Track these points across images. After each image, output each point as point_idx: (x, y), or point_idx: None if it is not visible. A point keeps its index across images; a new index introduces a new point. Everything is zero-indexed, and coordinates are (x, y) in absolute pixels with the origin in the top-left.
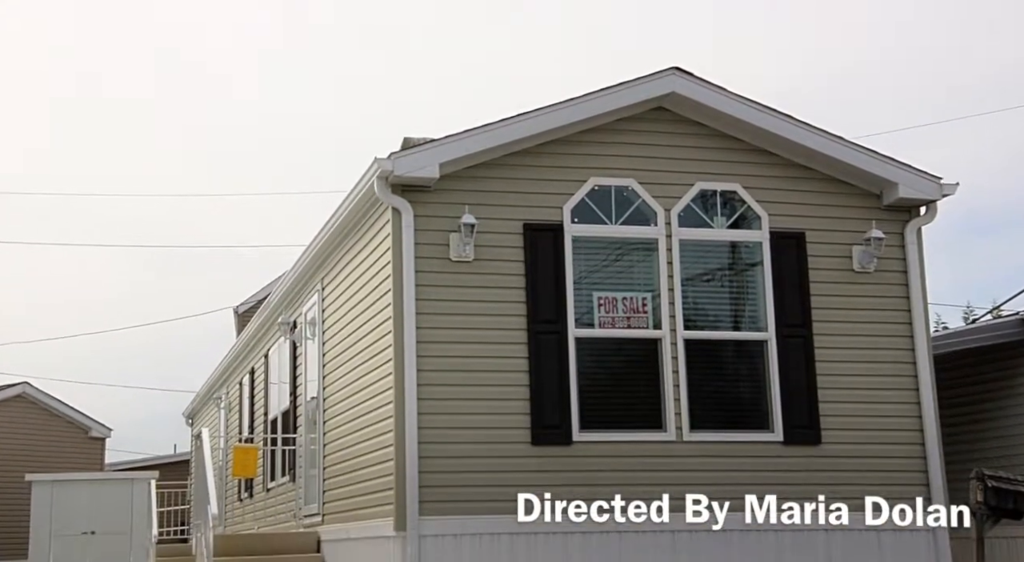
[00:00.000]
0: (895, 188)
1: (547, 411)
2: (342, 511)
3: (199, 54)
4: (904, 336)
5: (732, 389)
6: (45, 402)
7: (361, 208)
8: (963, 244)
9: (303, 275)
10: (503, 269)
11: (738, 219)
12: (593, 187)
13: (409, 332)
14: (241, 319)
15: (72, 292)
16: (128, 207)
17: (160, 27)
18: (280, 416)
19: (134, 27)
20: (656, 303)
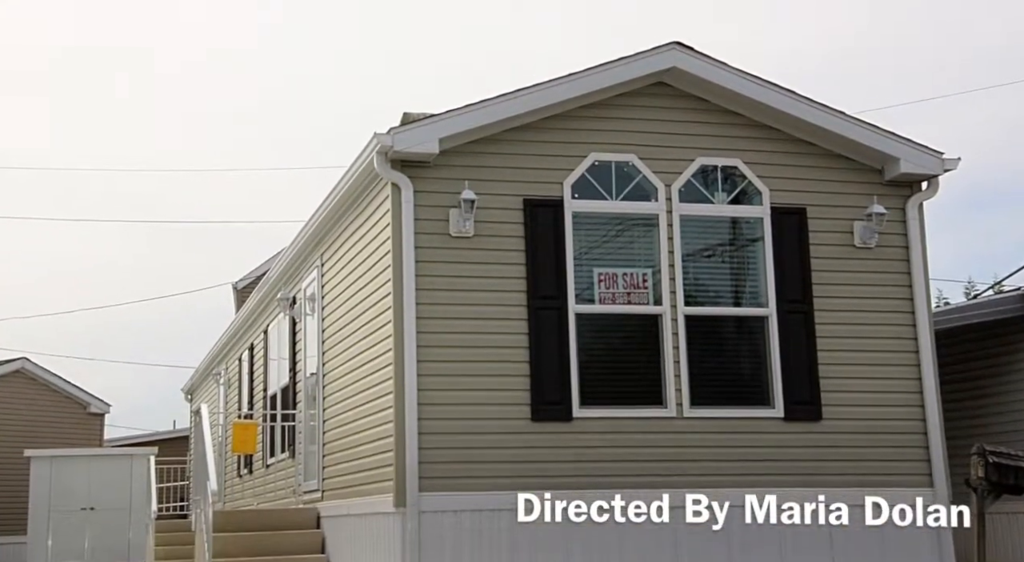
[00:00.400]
0: (896, 163)
1: (547, 387)
2: (342, 487)
3: (199, 28)
4: (905, 312)
5: (733, 365)
6: (44, 378)
7: (361, 183)
8: (964, 219)
9: (302, 251)
10: (503, 245)
11: (739, 194)
12: (593, 162)
13: (409, 308)
14: (240, 295)
15: (71, 267)
16: (127, 182)
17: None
18: (279, 392)
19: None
20: (656, 279)
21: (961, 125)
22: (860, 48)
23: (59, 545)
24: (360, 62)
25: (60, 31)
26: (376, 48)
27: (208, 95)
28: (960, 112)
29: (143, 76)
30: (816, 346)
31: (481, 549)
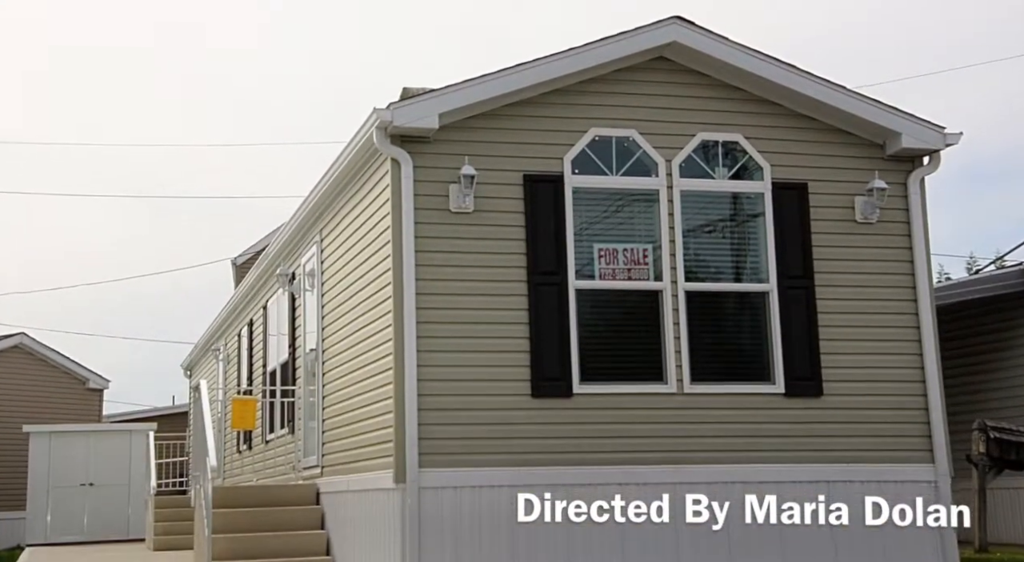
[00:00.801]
0: (898, 138)
1: (547, 363)
2: (341, 463)
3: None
4: (907, 287)
5: (733, 341)
6: (42, 353)
7: (360, 159)
8: (966, 194)
9: (302, 226)
10: (503, 220)
11: (740, 170)
12: (594, 138)
13: (408, 284)
14: (239, 270)
15: (70, 242)
16: (126, 156)
17: None
18: (279, 368)
19: None
20: (657, 254)
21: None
22: (861, 22)
23: (58, 520)
24: (360, 38)
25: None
26: (376, 24)
27: (208, 69)
28: (962, 86)
29: (142, 51)
30: (817, 322)
31: (481, 525)
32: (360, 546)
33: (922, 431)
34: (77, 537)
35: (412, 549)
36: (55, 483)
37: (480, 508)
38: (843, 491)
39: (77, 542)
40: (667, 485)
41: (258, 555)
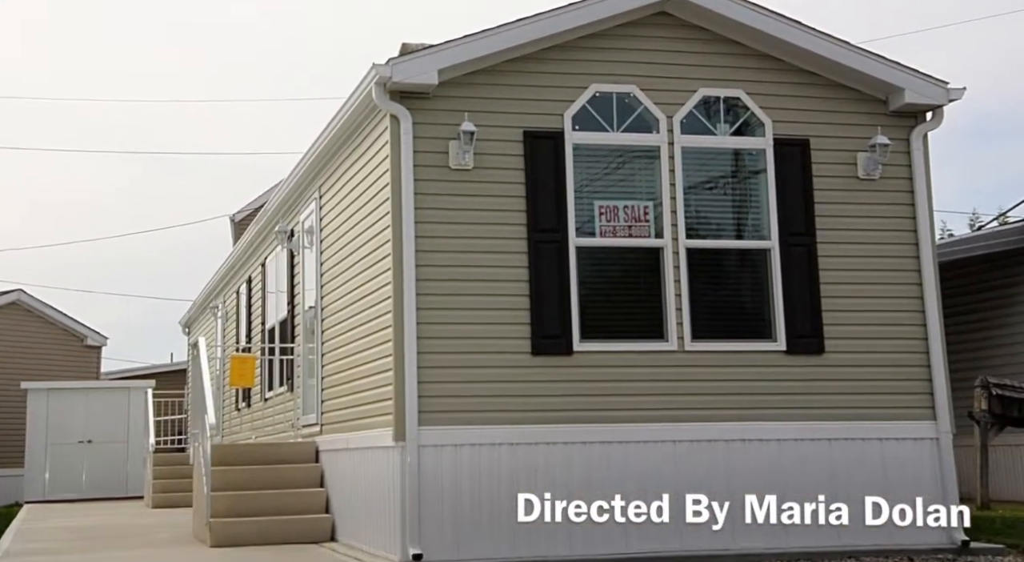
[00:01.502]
0: (901, 93)
1: (547, 321)
2: (341, 421)
3: None
4: (909, 244)
5: (734, 298)
6: (40, 310)
7: (359, 115)
8: (969, 150)
9: (300, 183)
10: (503, 177)
11: (741, 126)
12: (594, 94)
13: (408, 241)
14: (237, 227)
15: (67, 198)
16: (124, 112)
17: None
18: (278, 325)
19: None
20: (658, 212)
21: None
22: None
23: (56, 477)
24: None
25: None
26: None
27: (206, 25)
28: (965, 41)
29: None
30: (819, 279)
31: (480, 483)
32: (360, 504)
33: (924, 388)
34: (75, 494)
35: (412, 506)
36: (53, 440)
37: (480, 466)
38: (844, 448)
39: (75, 499)
40: (667, 443)
41: (257, 513)
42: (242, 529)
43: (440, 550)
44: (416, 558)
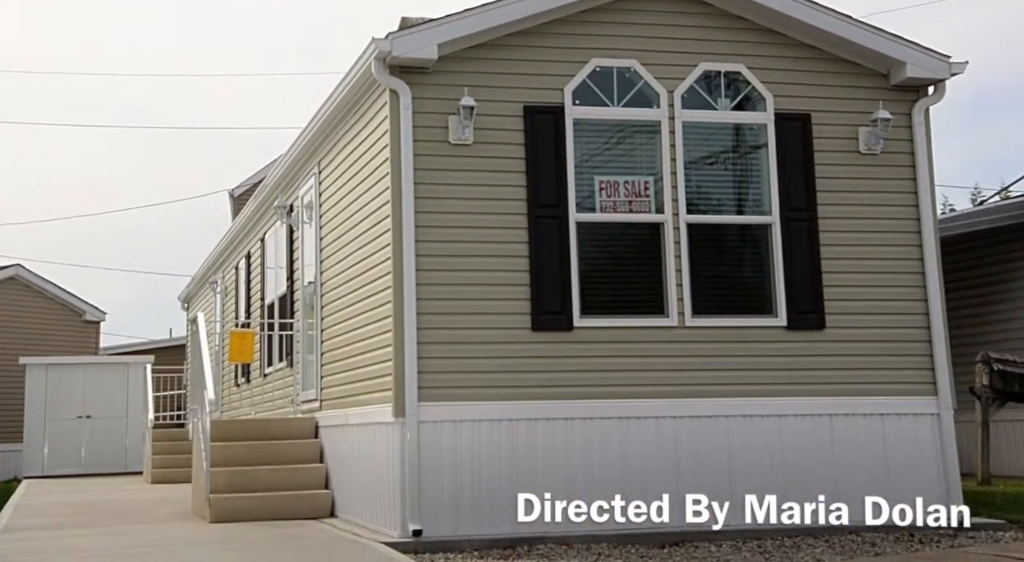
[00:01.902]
0: (903, 67)
1: (548, 297)
2: (340, 397)
3: None
4: (910, 219)
5: (735, 274)
6: (39, 285)
7: (358, 90)
8: (971, 124)
9: (300, 158)
10: (503, 152)
11: (742, 100)
12: (595, 68)
13: (408, 217)
14: (237, 202)
15: (66, 173)
16: (124, 87)
17: None
18: (277, 301)
19: None
20: (658, 187)
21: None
22: None
23: (55, 453)
24: None
25: None
26: None
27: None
28: (967, 15)
29: None
30: (820, 254)
31: (480, 459)
32: (359, 480)
33: (925, 363)
34: (74, 470)
35: (412, 483)
36: (52, 416)
37: (480, 442)
38: (845, 424)
39: (74, 475)
40: (667, 418)
41: (257, 488)
42: (241, 504)
43: (440, 526)
44: (416, 534)
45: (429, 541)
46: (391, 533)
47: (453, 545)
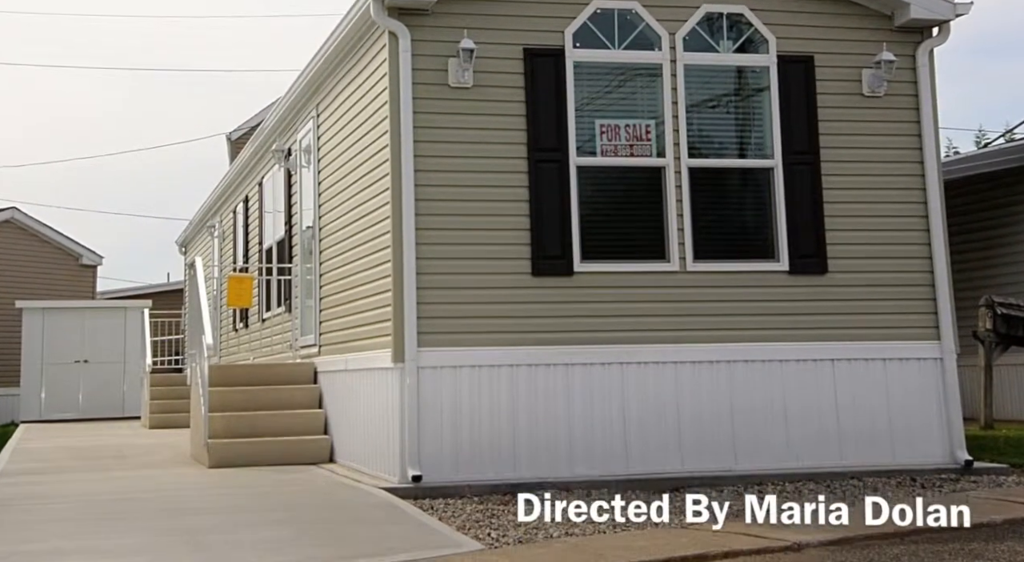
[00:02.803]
0: (907, 8)
1: (548, 241)
2: (339, 342)
3: None
4: (914, 162)
5: (737, 218)
6: (35, 228)
7: (357, 32)
8: (975, 67)
9: (297, 101)
10: (503, 96)
11: (745, 43)
12: (595, 10)
13: (407, 160)
14: (234, 146)
15: (61, 116)
16: (120, 29)
17: None
18: (275, 245)
19: None
20: (660, 130)
21: None
22: None
23: (52, 397)
24: None
25: None
26: None
27: None
28: None
29: None
30: (822, 198)
31: (480, 405)
32: (359, 425)
33: (928, 308)
34: (72, 414)
35: (411, 428)
36: (49, 360)
37: (480, 387)
38: (847, 369)
39: (71, 419)
40: (669, 364)
41: (255, 434)
42: (240, 450)
43: (439, 472)
44: (415, 480)
45: (429, 486)
46: (391, 478)
47: (453, 491)
